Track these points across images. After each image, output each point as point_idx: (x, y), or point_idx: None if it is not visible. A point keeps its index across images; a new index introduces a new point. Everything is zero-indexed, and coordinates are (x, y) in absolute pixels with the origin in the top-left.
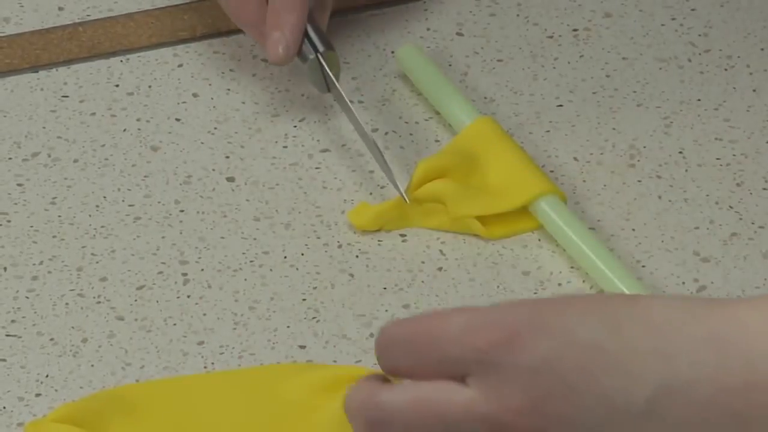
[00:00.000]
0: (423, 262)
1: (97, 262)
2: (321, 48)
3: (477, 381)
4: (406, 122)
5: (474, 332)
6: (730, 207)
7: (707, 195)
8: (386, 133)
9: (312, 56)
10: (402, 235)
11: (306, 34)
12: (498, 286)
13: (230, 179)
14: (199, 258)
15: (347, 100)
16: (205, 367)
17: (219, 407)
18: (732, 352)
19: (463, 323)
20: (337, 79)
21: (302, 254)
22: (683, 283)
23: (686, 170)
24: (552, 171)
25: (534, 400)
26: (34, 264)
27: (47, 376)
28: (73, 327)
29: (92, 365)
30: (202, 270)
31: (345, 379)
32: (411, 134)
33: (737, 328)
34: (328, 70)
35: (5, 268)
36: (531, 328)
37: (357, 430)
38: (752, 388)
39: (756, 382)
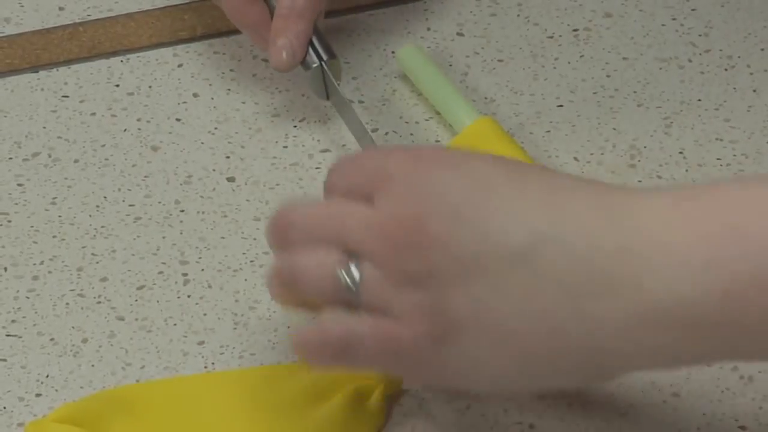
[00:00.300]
0: None
1: (97, 262)
2: (325, 57)
3: (378, 195)
4: (407, 122)
5: (389, 156)
6: None
7: None
8: (386, 134)
9: (315, 65)
10: None
11: (310, 41)
12: None
13: (230, 179)
14: (200, 258)
15: (350, 104)
16: (205, 367)
17: (220, 407)
18: (616, 219)
19: (377, 152)
20: (339, 86)
21: None
22: None
23: (686, 170)
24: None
25: (417, 216)
26: (34, 264)
27: (47, 376)
28: (73, 327)
29: (92, 365)
30: (203, 270)
31: (344, 379)
32: (411, 134)
33: (630, 203)
34: (332, 79)
35: (6, 268)
36: (431, 157)
37: (267, 238)
38: (625, 251)
39: (630, 246)
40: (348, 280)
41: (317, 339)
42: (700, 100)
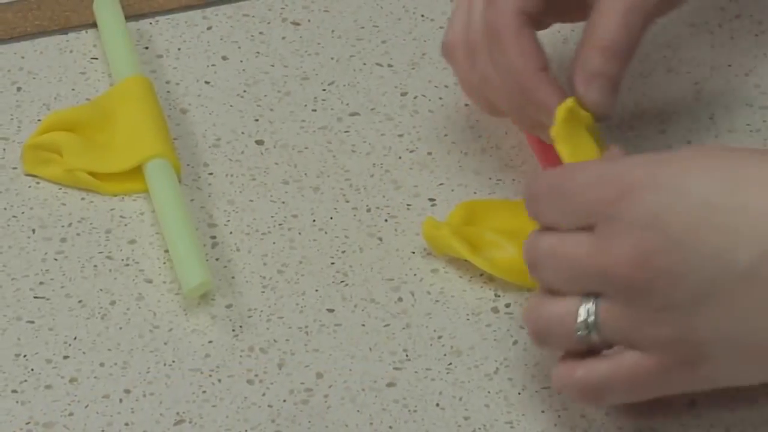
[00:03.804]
0: None
1: (125, 225)
2: None
3: (599, 232)
4: (436, 86)
5: (594, 187)
6: None
7: None
8: (415, 97)
9: None
10: (431, 199)
11: None
12: None
13: (259, 142)
14: (228, 221)
15: None
16: (233, 330)
17: None
18: None
19: (586, 178)
20: None
21: (331, 218)
22: None
23: (716, 136)
24: None
25: (643, 253)
26: (62, 226)
27: (75, 338)
28: (101, 289)
29: (120, 328)
30: (231, 233)
31: None
32: (440, 98)
33: None
34: None
35: (34, 230)
36: (643, 184)
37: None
38: None
39: None
40: (588, 329)
41: (574, 387)
42: (730, 65)
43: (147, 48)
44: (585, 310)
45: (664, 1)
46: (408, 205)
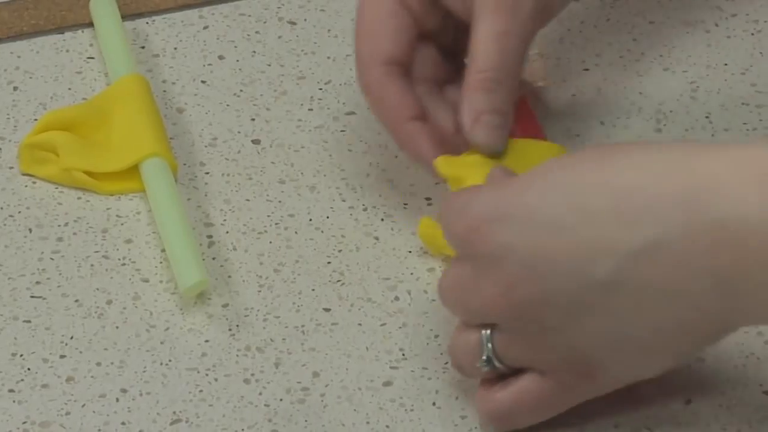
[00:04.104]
0: None
1: (122, 224)
2: None
3: (472, 268)
4: None
5: (453, 223)
6: None
7: None
8: None
9: None
10: (427, 198)
11: None
12: None
13: (255, 141)
14: (224, 220)
15: None
16: (229, 329)
17: None
18: (700, 210)
19: (449, 212)
20: None
21: (327, 217)
22: None
23: (712, 135)
24: (578, 135)
25: (504, 289)
26: (59, 225)
27: (72, 337)
28: (97, 289)
29: (117, 327)
30: (227, 232)
31: None
32: None
33: (707, 181)
34: None
35: (30, 230)
36: (489, 218)
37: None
38: (721, 246)
39: (725, 239)
40: (489, 360)
41: (487, 416)
42: (726, 64)
43: (143, 47)
44: (485, 342)
45: (537, 16)
46: (404, 204)
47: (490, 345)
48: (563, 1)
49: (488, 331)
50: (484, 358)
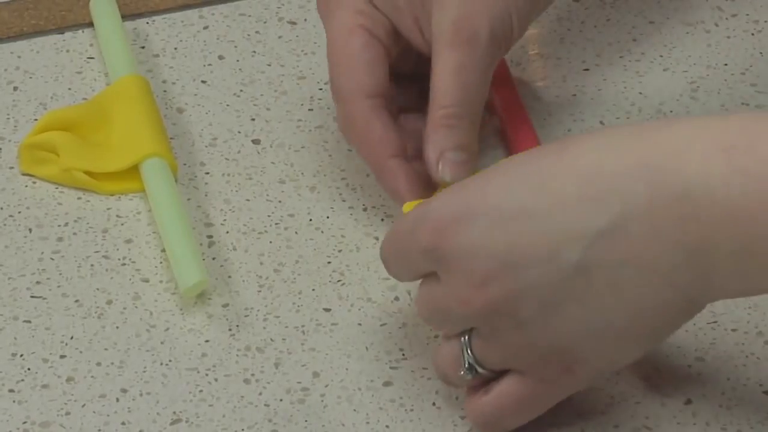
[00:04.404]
0: None
1: (122, 224)
2: None
3: (441, 276)
4: None
5: (413, 235)
6: None
7: None
8: None
9: None
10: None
11: None
12: None
13: (256, 141)
14: (224, 220)
15: None
16: (229, 329)
17: None
18: (664, 181)
19: (405, 227)
20: None
21: (327, 217)
22: None
23: None
24: None
25: (478, 286)
26: (59, 225)
27: (72, 337)
28: (98, 289)
29: (117, 327)
30: (227, 232)
31: None
32: None
33: (669, 153)
34: None
35: (30, 230)
36: (454, 219)
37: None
38: (688, 218)
39: (691, 210)
40: (471, 368)
41: (473, 420)
42: (726, 64)
43: (143, 47)
44: (465, 350)
45: (495, 44)
46: None
47: (470, 351)
48: (522, 28)
49: (467, 338)
50: (466, 365)
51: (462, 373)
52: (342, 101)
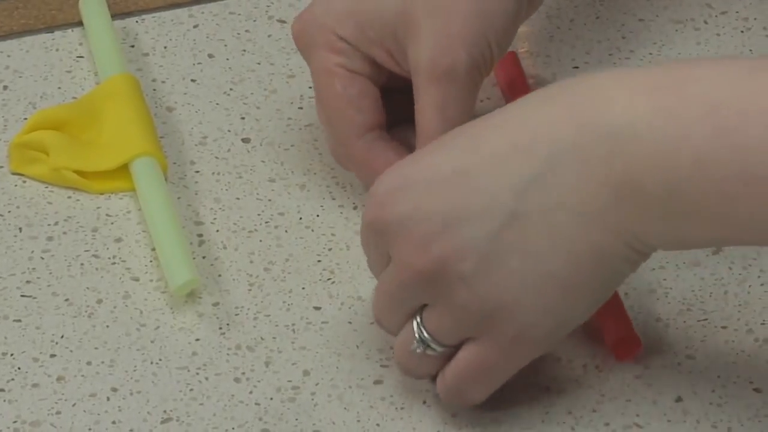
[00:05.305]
0: None
1: (112, 223)
2: None
3: (391, 252)
4: None
5: (364, 214)
6: None
7: None
8: None
9: None
10: None
11: None
12: None
13: (245, 140)
14: (214, 219)
15: None
16: (220, 328)
17: None
18: (589, 123)
19: (366, 202)
20: None
21: (317, 215)
22: None
23: None
24: None
25: (417, 248)
26: (49, 224)
27: (62, 336)
28: (88, 288)
29: (107, 326)
30: (217, 231)
31: None
32: None
33: (595, 98)
34: None
35: (20, 229)
36: (393, 190)
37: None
38: (615, 157)
39: (616, 148)
40: (425, 344)
41: (440, 393)
42: None
43: (133, 46)
44: (417, 328)
45: (475, 71)
46: None
47: (423, 329)
48: (502, 47)
49: (419, 318)
50: (417, 338)
51: (413, 347)
52: (337, 141)
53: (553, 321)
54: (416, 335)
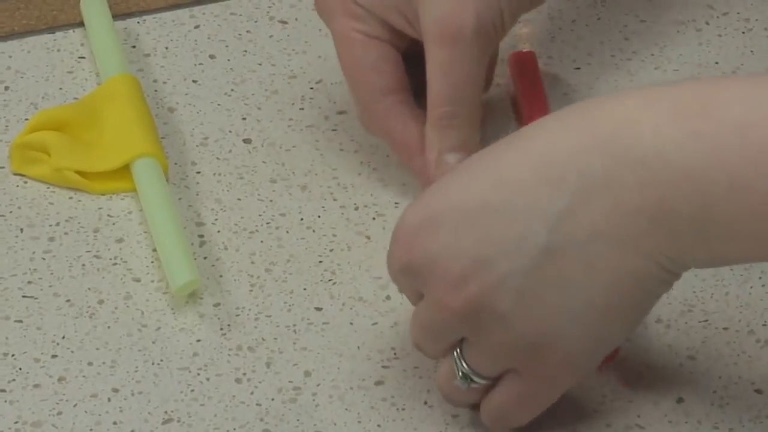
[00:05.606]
0: None
1: (113, 224)
2: None
3: (422, 290)
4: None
5: (391, 255)
6: None
7: None
8: None
9: None
10: None
11: None
12: None
13: (247, 141)
14: (216, 220)
15: None
16: (221, 329)
17: None
18: (619, 151)
19: (390, 247)
20: None
21: (319, 216)
22: None
23: None
24: None
25: (452, 287)
26: (50, 225)
27: (63, 337)
28: (89, 288)
29: (108, 327)
30: (219, 231)
31: None
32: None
33: (622, 123)
34: None
35: (22, 229)
36: (420, 229)
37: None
38: (646, 184)
39: (648, 176)
40: (468, 379)
41: (487, 422)
42: (717, 63)
43: (134, 47)
44: (458, 362)
45: (483, 37)
46: (396, 203)
47: (463, 362)
48: (513, 17)
49: (458, 350)
50: (460, 374)
51: (457, 382)
52: (360, 106)
53: (594, 346)
54: (457, 370)
